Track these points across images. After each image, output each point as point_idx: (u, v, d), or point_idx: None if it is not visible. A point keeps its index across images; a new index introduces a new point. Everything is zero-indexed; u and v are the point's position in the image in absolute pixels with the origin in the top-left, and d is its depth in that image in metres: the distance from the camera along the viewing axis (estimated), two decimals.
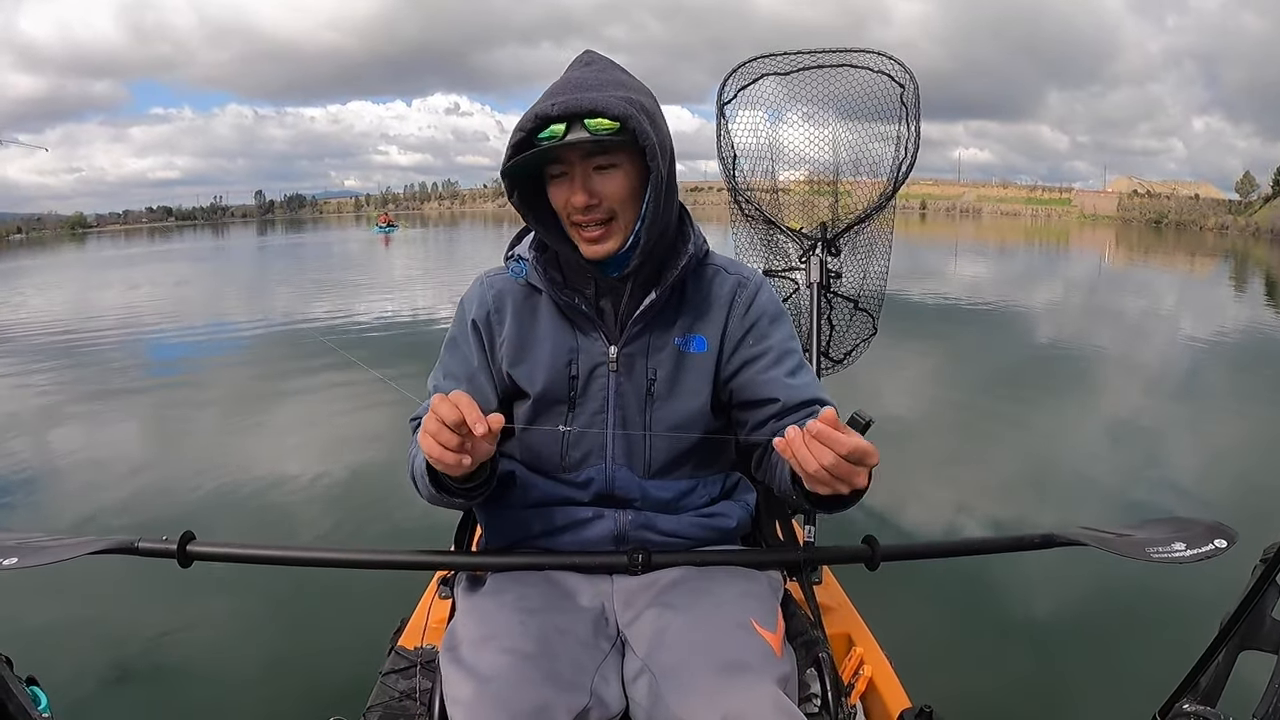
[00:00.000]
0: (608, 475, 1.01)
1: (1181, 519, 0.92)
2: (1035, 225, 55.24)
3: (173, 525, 0.95)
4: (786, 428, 0.78)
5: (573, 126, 0.88)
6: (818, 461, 0.75)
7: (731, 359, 1.02)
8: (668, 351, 1.00)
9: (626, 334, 0.99)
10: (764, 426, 1.00)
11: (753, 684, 0.81)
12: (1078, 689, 1.96)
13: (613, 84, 0.91)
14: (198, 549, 0.91)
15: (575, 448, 1.01)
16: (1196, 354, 6.95)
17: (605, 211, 0.92)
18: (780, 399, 0.99)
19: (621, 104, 0.87)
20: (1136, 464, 3.90)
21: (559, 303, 0.99)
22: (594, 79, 0.92)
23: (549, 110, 0.87)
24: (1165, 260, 21.28)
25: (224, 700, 1.97)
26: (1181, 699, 0.76)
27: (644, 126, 0.88)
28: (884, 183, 1.90)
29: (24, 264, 29.17)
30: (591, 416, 1.00)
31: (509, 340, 1.01)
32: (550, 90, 0.92)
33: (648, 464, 1.01)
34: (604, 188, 0.91)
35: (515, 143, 0.90)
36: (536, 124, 0.88)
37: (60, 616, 2.24)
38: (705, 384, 1.01)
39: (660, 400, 1.00)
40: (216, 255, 30.15)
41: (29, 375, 6.37)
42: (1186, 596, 2.18)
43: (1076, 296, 12.00)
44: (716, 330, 1.01)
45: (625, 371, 0.99)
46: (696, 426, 1.01)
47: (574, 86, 0.90)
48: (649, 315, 0.98)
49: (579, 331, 1.00)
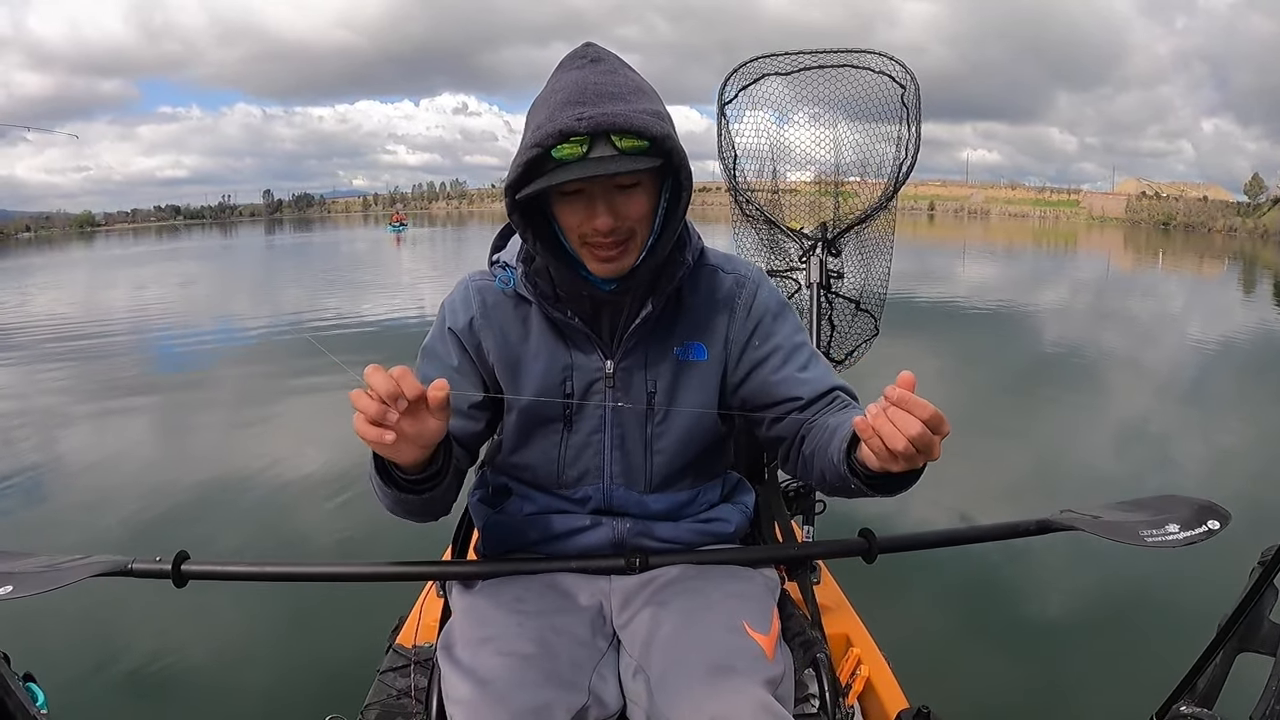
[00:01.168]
0: (605, 492, 0.99)
1: (1174, 497, 0.90)
2: (1043, 227, 55.01)
3: (168, 532, 0.95)
4: (867, 407, 0.72)
5: (597, 143, 0.79)
6: (905, 435, 0.68)
7: (739, 365, 0.97)
8: (667, 362, 0.96)
9: (623, 347, 0.94)
10: (786, 422, 0.94)
11: (739, 687, 0.80)
12: (1075, 690, 1.96)
13: (632, 91, 0.82)
14: (192, 568, 0.90)
15: (572, 466, 0.98)
16: (1197, 356, 6.93)
17: (625, 232, 0.86)
18: (801, 396, 0.94)
19: (655, 122, 0.80)
20: (1135, 463, 3.90)
21: (551, 317, 0.94)
22: (611, 84, 0.81)
23: (575, 126, 0.77)
24: (1173, 263, 21.11)
25: (222, 698, 1.97)
26: (1179, 700, 0.76)
27: (679, 147, 0.82)
28: (885, 183, 1.90)
29: (33, 262, 29.32)
30: (588, 436, 0.97)
31: (496, 352, 0.96)
32: (566, 95, 0.80)
33: (649, 480, 0.99)
34: (626, 208, 0.84)
35: (530, 159, 0.80)
36: (558, 140, 0.78)
37: (56, 614, 2.24)
38: (709, 393, 0.97)
39: (661, 413, 0.96)
40: (224, 254, 30.20)
41: (35, 375, 6.41)
42: (1185, 597, 2.17)
43: (1083, 298, 11.95)
44: (718, 337, 0.97)
45: (623, 387, 0.95)
46: (702, 437, 0.99)
47: (595, 94, 0.80)
48: (646, 327, 0.94)
49: (573, 347, 0.95)
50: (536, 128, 0.80)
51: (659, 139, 0.80)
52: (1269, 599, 0.72)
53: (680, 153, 0.83)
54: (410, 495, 0.82)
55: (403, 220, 43.72)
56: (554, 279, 0.91)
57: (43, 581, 0.82)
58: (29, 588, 0.81)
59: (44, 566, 0.86)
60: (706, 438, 1.00)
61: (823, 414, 0.93)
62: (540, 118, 0.81)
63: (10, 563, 0.85)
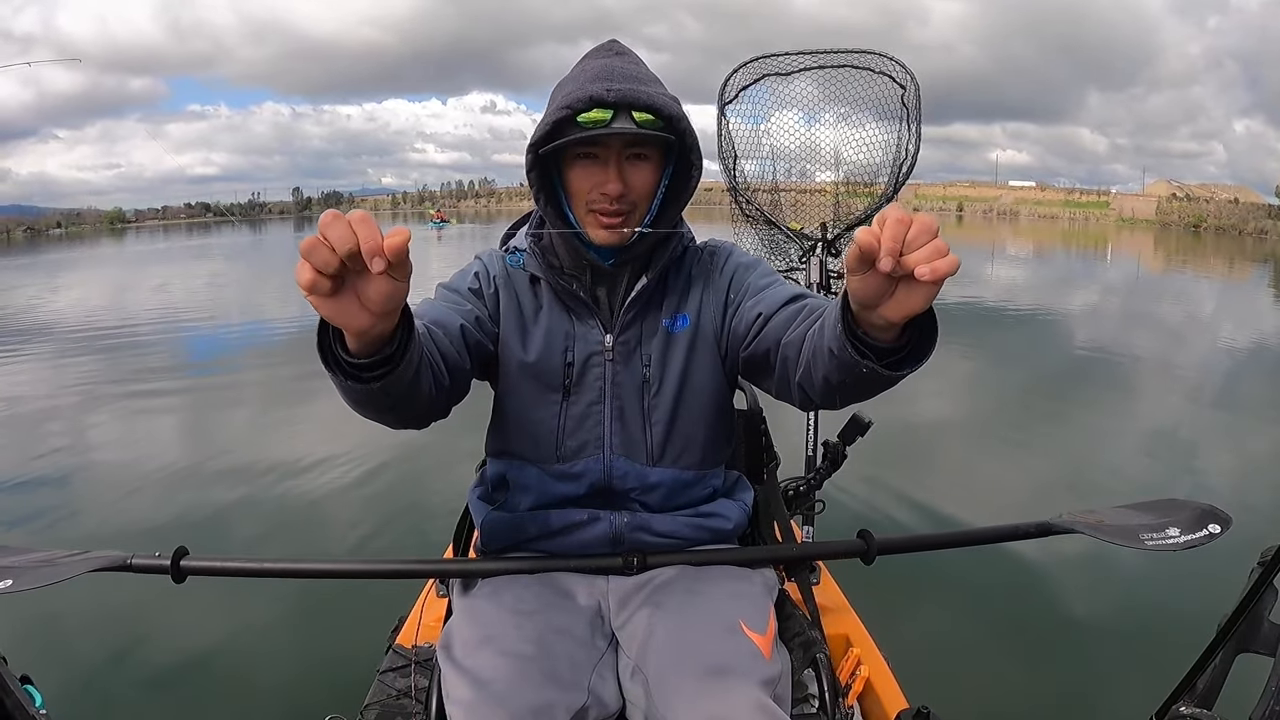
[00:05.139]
0: (605, 466, 1.00)
1: (1175, 500, 0.90)
2: (1072, 228, 54.77)
3: (171, 528, 0.95)
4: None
5: (619, 115, 0.87)
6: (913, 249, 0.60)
7: (725, 325, 1.00)
8: (659, 335, 1.00)
9: (620, 321, 0.99)
10: (760, 340, 0.91)
11: (734, 687, 0.81)
12: (1075, 691, 1.96)
13: (653, 80, 0.93)
14: (191, 564, 0.90)
15: (571, 436, 1.00)
16: (1199, 357, 6.93)
17: (629, 203, 0.93)
18: (760, 312, 0.92)
19: (673, 103, 0.90)
20: (1134, 462, 3.89)
21: (556, 289, 0.99)
22: (635, 71, 0.92)
23: (604, 95, 0.87)
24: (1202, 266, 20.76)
25: (222, 698, 1.97)
26: (1178, 701, 0.75)
27: (692, 129, 0.92)
28: (884, 185, 1.90)
29: (63, 258, 29.16)
30: (587, 406, 0.99)
31: (505, 314, 1.00)
32: (594, 73, 0.90)
33: (650, 451, 1.00)
34: (634, 178, 0.92)
35: (558, 119, 0.88)
36: (587, 105, 0.87)
37: (53, 614, 2.24)
38: (696, 360, 1.00)
39: (656, 384, 1.00)
40: (254, 250, 29.91)
41: (60, 369, 6.41)
42: (1184, 598, 2.17)
43: (1113, 301, 11.77)
44: (697, 304, 1.01)
45: (621, 360, 0.99)
46: (698, 405, 1.01)
47: (621, 76, 0.89)
48: (640, 301, 0.99)
49: (576, 319, 0.99)
50: (566, 95, 0.89)
51: (675, 118, 0.90)
52: (1269, 599, 0.72)
53: (693, 134, 0.92)
54: (355, 384, 0.69)
55: (444, 217, 46.89)
56: (558, 252, 0.98)
57: (42, 576, 0.82)
58: (28, 582, 0.81)
59: (43, 561, 0.86)
60: (703, 408, 1.02)
61: (797, 329, 0.85)
62: (568, 89, 0.90)
63: (9, 557, 0.85)
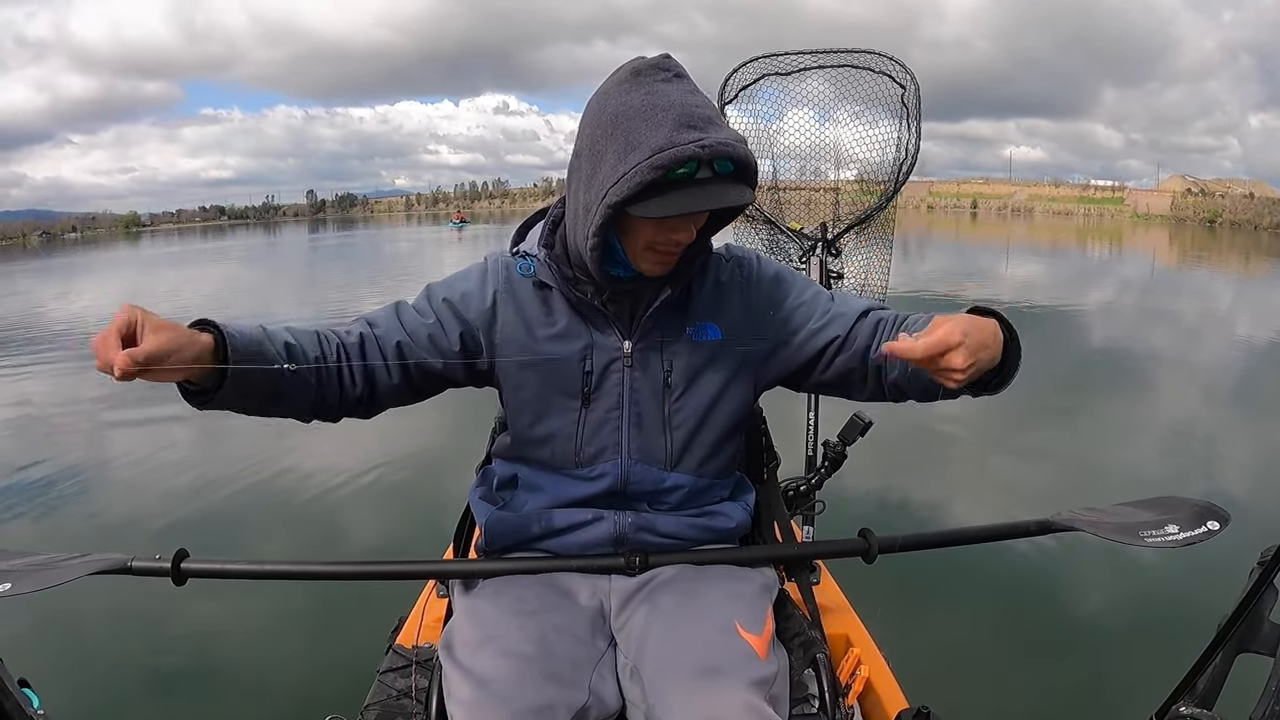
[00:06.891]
0: (622, 471, 1.00)
1: (1174, 498, 0.91)
2: (1087, 225, 54.51)
3: (171, 530, 0.95)
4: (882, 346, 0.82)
5: (703, 165, 0.83)
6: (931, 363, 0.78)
7: (764, 335, 1.01)
8: (682, 343, 0.99)
9: (640, 328, 0.98)
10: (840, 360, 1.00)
11: (726, 688, 0.81)
12: (1075, 691, 1.96)
13: (718, 115, 0.89)
14: (191, 566, 0.90)
15: (590, 443, 0.99)
16: (1213, 354, 6.92)
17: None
18: (838, 334, 0.99)
19: (751, 153, 0.87)
20: (1139, 460, 3.89)
21: (571, 299, 0.98)
22: (706, 107, 0.86)
23: (699, 154, 0.81)
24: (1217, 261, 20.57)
25: (222, 699, 1.97)
26: (1178, 701, 0.75)
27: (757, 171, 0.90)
28: (885, 184, 1.90)
29: (75, 261, 29.21)
30: (606, 413, 0.99)
31: (512, 326, 0.99)
32: (677, 118, 0.83)
33: (669, 456, 1.00)
34: (700, 223, 0.92)
35: (652, 181, 0.82)
36: (683, 164, 0.81)
37: (51, 615, 2.24)
38: (724, 370, 1.00)
39: (677, 391, 0.99)
40: (270, 253, 29.83)
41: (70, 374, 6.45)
42: (1184, 598, 2.17)
43: (1129, 297, 11.71)
44: (731, 315, 1.01)
45: (640, 366, 0.99)
46: (724, 414, 1.01)
47: (701, 119, 0.84)
48: (662, 310, 0.98)
49: (592, 327, 0.99)
50: (658, 149, 0.81)
51: (753, 169, 0.88)
52: (1269, 599, 0.72)
53: (756, 176, 0.90)
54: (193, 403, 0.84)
55: (464, 218, 50.13)
56: (572, 262, 0.96)
57: (42, 579, 0.82)
58: (28, 585, 0.81)
59: (43, 564, 0.86)
60: (728, 417, 1.02)
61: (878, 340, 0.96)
62: (659, 138, 0.82)
63: (9, 561, 0.85)
